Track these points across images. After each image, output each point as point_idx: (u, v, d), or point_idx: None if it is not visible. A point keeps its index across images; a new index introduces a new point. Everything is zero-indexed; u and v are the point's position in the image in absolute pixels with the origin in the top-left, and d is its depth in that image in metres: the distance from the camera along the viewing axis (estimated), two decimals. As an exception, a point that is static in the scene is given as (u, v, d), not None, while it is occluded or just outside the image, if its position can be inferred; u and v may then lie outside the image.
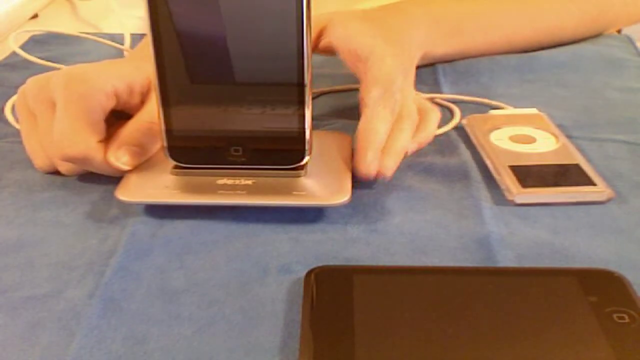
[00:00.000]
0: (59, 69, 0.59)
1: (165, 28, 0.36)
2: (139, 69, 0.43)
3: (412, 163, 0.46)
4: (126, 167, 0.41)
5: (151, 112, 0.41)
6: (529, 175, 0.42)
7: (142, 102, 0.43)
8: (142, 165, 0.42)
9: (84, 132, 0.40)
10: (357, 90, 0.58)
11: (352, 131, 0.49)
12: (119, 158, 0.41)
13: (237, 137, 0.39)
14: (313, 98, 0.38)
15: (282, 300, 0.33)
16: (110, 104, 0.42)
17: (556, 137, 0.47)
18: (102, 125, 0.41)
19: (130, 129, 0.42)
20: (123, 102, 0.42)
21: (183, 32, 0.36)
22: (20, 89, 0.44)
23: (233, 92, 0.38)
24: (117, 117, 0.43)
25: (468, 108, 0.54)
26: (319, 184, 0.40)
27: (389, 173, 0.41)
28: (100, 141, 0.41)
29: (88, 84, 0.41)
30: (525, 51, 0.64)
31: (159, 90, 0.38)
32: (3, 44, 0.68)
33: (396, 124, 0.43)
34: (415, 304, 0.31)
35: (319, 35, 0.49)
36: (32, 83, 0.43)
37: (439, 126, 0.50)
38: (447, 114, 0.53)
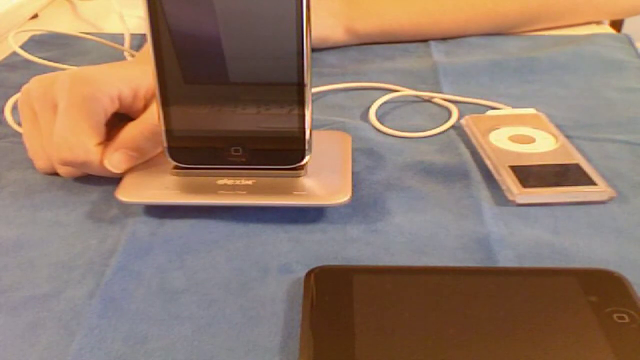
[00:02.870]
0: (59, 69, 0.59)
1: (164, 29, 0.36)
2: (145, 73, 0.42)
3: (412, 163, 0.46)
4: (119, 171, 0.41)
5: (156, 115, 0.41)
6: (529, 175, 0.42)
7: (146, 106, 0.43)
8: (142, 165, 0.42)
9: (83, 136, 0.40)
10: (357, 90, 0.58)
11: (352, 131, 0.49)
12: (112, 161, 0.41)
13: (237, 137, 0.39)
14: (313, 98, 0.38)
15: (282, 300, 0.33)
16: (113, 108, 0.41)
17: (555, 137, 0.47)
18: (102, 128, 0.41)
19: (132, 132, 0.41)
20: (127, 106, 0.42)
21: (183, 33, 0.36)
22: (24, 88, 0.43)
23: (233, 92, 0.38)
24: (119, 119, 0.43)
25: (466, 108, 0.54)
26: (319, 184, 0.40)
27: None
28: (100, 143, 0.41)
29: (93, 87, 0.40)
30: (458, 35, 0.69)
31: (159, 91, 0.38)
32: (3, 44, 0.68)
33: None
34: (415, 304, 0.31)
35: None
36: (36, 83, 0.43)
37: (437, 125, 0.51)
38: (446, 114, 0.53)
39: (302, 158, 0.39)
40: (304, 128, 0.38)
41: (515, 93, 0.57)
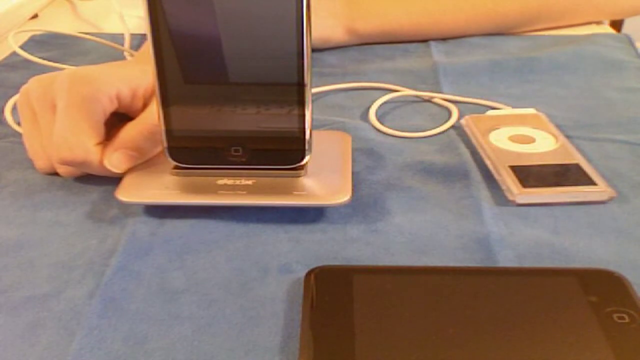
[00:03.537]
0: (59, 69, 0.59)
1: (164, 29, 0.36)
2: (144, 73, 0.42)
3: (412, 163, 0.46)
4: (119, 170, 0.41)
5: (155, 115, 0.41)
6: (529, 175, 0.42)
7: (145, 105, 0.43)
8: (142, 165, 0.42)
9: (83, 136, 0.40)
10: (357, 90, 0.58)
11: (352, 131, 0.49)
12: (112, 161, 0.40)
13: (237, 137, 0.39)
14: (313, 98, 0.38)
15: (282, 300, 0.33)
16: (112, 107, 0.41)
17: (555, 137, 0.47)
18: (102, 128, 0.41)
19: (131, 132, 0.41)
20: (125, 105, 0.42)
21: (183, 33, 0.36)
22: (23, 88, 0.43)
23: (233, 92, 0.38)
24: (118, 119, 0.43)
25: (466, 108, 0.54)
26: (319, 184, 0.40)
27: None
28: (99, 143, 0.41)
29: (92, 86, 0.40)
30: (458, 35, 0.69)
31: (159, 91, 0.38)
32: (3, 44, 0.68)
33: None
34: (415, 304, 0.31)
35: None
36: (35, 83, 0.43)
37: (437, 125, 0.51)
38: (446, 114, 0.53)
39: (302, 158, 0.39)
40: (304, 128, 0.38)
41: (515, 93, 0.57)
